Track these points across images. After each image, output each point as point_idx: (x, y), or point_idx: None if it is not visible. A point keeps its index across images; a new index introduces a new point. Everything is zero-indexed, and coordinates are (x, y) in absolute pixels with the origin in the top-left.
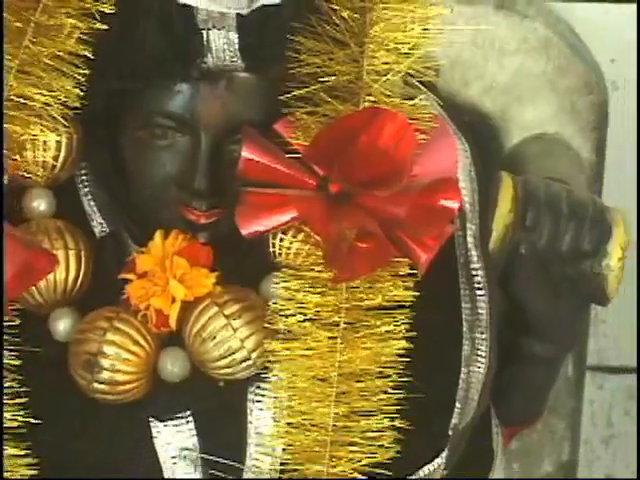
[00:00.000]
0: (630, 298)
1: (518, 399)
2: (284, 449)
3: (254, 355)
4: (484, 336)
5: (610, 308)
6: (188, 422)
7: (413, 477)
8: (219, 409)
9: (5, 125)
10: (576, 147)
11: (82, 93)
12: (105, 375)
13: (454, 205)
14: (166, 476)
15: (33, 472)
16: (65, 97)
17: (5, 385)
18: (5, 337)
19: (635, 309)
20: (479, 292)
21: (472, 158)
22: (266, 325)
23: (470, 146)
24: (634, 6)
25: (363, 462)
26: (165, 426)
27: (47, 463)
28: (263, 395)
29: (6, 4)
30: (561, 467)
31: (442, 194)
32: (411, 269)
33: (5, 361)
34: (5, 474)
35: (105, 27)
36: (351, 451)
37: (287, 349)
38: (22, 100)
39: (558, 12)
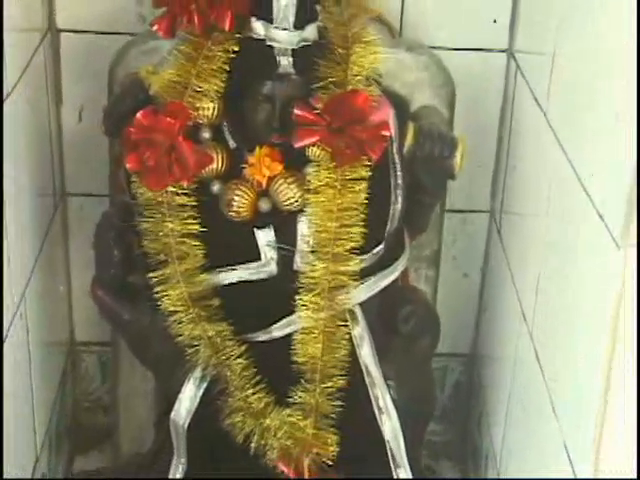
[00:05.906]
0: (464, 181)
1: (415, 221)
2: (313, 236)
3: (300, 200)
4: (400, 192)
5: (456, 182)
6: (270, 229)
7: (369, 253)
8: (284, 222)
9: (190, 100)
10: (441, 110)
11: (223, 85)
12: (234, 208)
13: (387, 134)
14: (262, 254)
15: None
16: (216, 87)
17: (185, 213)
18: (187, 192)
19: (467, 182)
20: (398, 174)
21: (395, 115)
22: (305, 186)
23: (395, 110)
24: (476, 53)
25: (348, 246)
26: (261, 231)
27: (202, 248)
28: (304, 216)
29: (188, 41)
30: (433, 253)
31: (382, 129)
32: (368, 161)
33: (189, 204)
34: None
35: (233, 55)
36: (339, 236)
37: (314, 197)
38: (197, 89)
39: (434, 54)
